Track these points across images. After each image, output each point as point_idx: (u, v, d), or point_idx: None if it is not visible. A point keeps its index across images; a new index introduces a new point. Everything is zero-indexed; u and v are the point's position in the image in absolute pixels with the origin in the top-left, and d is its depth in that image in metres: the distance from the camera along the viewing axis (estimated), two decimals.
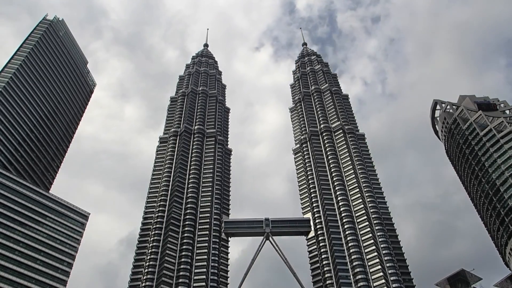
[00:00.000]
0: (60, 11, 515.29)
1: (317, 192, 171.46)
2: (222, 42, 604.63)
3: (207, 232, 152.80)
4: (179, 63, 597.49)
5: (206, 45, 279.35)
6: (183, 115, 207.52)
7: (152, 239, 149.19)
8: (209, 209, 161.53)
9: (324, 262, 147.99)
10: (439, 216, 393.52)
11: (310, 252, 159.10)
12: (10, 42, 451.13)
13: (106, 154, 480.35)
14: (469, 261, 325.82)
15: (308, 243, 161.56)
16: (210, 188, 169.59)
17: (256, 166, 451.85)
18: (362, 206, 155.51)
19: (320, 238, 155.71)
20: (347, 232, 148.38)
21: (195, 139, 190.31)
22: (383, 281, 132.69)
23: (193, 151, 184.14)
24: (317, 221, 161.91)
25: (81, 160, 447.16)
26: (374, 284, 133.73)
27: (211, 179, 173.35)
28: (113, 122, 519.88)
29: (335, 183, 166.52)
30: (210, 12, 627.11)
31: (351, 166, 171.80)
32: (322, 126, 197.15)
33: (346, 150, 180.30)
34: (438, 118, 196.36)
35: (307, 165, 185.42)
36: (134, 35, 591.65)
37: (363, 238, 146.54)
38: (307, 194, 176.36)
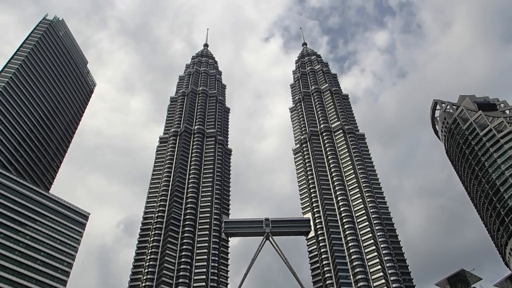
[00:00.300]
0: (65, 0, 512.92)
1: (317, 192, 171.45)
2: (231, 32, 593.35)
3: (207, 232, 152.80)
4: (185, 55, 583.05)
5: (206, 45, 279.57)
6: (183, 115, 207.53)
7: (152, 239, 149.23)
8: (209, 209, 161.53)
9: (324, 262, 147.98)
10: (447, 202, 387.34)
11: (310, 252, 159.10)
12: (13, 31, 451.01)
13: (110, 148, 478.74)
14: (479, 249, 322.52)
15: (308, 243, 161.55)
16: (210, 188, 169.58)
17: (263, 161, 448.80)
18: (362, 206, 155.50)
19: (320, 238, 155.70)
20: (347, 232, 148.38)
21: (195, 139, 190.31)
22: (383, 281, 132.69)
23: (193, 151, 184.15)
24: (317, 221, 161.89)
25: (85, 154, 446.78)
26: (374, 284, 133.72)
27: (211, 179, 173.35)
28: (117, 115, 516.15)
29: (335, 183, 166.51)
30: (219, 1, 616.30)
31: (351, 166, 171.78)
32: (322, 126, 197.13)
33: (346, 150, 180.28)
34: (438, 118, 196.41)
35: (307, 165, 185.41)
36: (140, 26, 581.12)
37: (363, 238, 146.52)
38: (307, 194, 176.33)
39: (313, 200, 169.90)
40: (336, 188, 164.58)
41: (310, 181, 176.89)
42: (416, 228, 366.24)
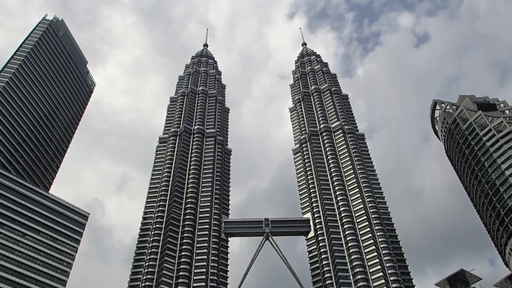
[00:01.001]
0: None
1: (317, 192, 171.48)
2: (251, 9, 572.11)
3: (207, 232, 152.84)
4: (201, 37, 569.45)
5: (205, 45, 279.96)
6: (182, 115, 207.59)
7: (152, 239, 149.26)
8: (209, 209, 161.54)
9: (323, 262, 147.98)
10: None
11: (310, 252, 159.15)
12: (14, 3, 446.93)
13: (119, 134, 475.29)
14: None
15: (308, 243, 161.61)
16: (209, 188, 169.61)
17: (280, 147, 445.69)
18: (362, 206, 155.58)
19: (319, 238, 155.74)
20: (346, 232, 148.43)
21: (194, 139, 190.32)
22: (383, 281, 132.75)
23: (193, 151, 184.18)
24: (316, 221, 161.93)
25: (93, 139, 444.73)
26: (374, 284, 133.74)
27: (210, 179, 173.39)
28: (128, 100, 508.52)
29: (335, 183, 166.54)
30: None
31: (351, 166, 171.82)
32: (321, 126, 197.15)
33: (346, 150, 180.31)
34: (437, 118, 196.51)
35: (306, 165, 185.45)
36: (155, 4, 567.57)
37: (363, 238, 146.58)
38: (307, 194, 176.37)
39: (312, 200, 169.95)
40: (336, 188, 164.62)
41: (309, 181, 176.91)
42: (434, 200, 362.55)
